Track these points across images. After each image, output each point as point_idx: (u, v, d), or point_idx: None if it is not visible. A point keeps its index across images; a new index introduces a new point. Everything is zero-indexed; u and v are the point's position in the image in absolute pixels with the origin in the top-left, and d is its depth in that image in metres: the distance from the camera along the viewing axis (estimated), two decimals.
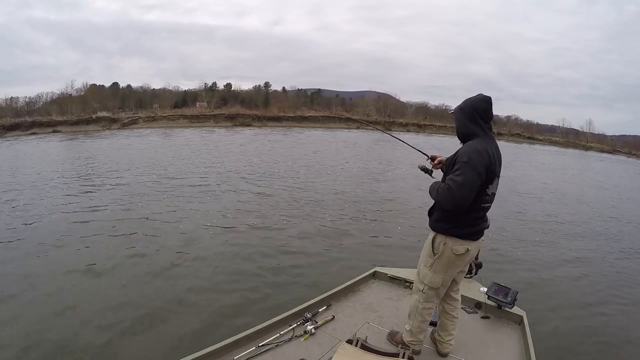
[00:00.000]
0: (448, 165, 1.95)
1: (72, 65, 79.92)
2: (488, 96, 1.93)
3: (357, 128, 42.12)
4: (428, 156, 2.22)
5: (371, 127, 42.94)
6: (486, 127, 1.91)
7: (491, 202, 1.97)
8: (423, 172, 2.27)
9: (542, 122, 60.45)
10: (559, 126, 55.97)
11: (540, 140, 49.89)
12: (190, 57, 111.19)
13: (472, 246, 1.97)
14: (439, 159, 2.20)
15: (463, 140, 1.95)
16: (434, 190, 1.92)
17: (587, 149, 46.51)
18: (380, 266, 3.33)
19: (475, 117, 1.90)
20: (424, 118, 50.46)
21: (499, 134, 48.56)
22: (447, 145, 26.25)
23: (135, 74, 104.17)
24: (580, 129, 53.56)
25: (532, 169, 19.23)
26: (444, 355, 2.21)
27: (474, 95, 1.97)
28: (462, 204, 1.80)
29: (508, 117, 58.26)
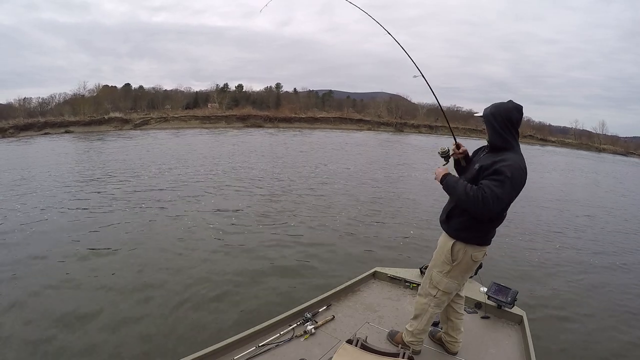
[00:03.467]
0: (483, 167, 1.83)
1: (82, 66, 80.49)
2: (520, 105, 1.83)
3: (369, 129, 41.95)
4: (455, 142, 2.11)
5: (383, 129, 42.85)
6: (517, 137, 1.85)
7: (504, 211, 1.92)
8: (440, 157, 2.15)
9: (554, 123, 59.59)
10: (572, 128, 55.25)
11: (553, 142, 49.20)
12: (200, 58, 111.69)
13: (487, 249, 2.00)
14: (463, 148, 2.09)
15: (495, 149, 1.87)
16: (460, 189, 1.80)
17: (600, 150, 45.63)
18: (380, 266, 3.33)
19: (509, 127, 1.81)
20: (435, 119, 49.84)
21: None
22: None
23: (145, 75, 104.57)
24: (593, 131, 52.73)
25: (543, 171, 19.14)
26: (454, 353, 2.23)
27: (505, 101, 1.86)
28: (491, 215, 1.79)
29: None
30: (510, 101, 1.85)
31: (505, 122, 1.81)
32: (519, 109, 1.83)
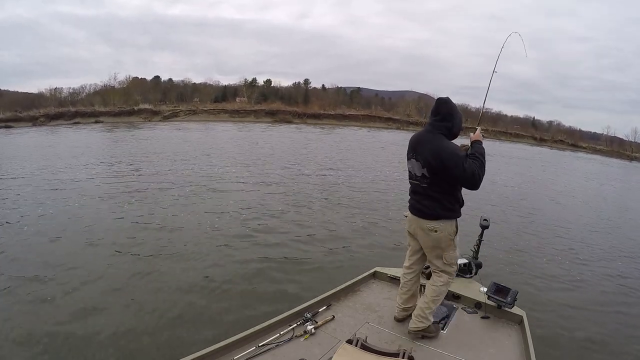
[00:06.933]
0: None
1: (105, 58, 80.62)
2: (439, 98, 2.31)
3: (398, 128, 41.80)
4: (470, 139, 2.40)
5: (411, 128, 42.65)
6: (430, 121, 2.30)
7: (415, 181, 2.31)
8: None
9: (584, 128, 57.68)
10: (603, 134, 53.76)
11: (584, 148, 47.70)
12: (221, 51, 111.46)
13: (410, 216, 2.39)
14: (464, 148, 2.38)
15: None
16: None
17: (631, 159, 44.24)
18: (380, 266, 3.33)
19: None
20: (465, 120, 48.89)
21: (542, 140, 46.71)
22: (494, 150, 25.91)
23: (169, 68, 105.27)
24: (625, 138, 51.07)
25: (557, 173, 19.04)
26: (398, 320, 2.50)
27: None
28: None
29: (550, 123, 57.12)
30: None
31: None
32: (437, 101, 2.30)
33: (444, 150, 2.14)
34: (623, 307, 4.53)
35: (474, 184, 2.14)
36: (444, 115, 2.24)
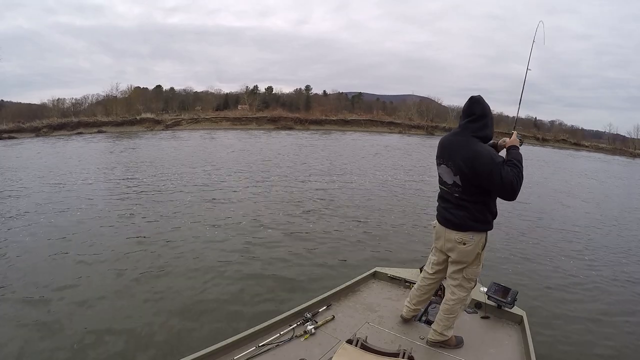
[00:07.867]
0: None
1: (106, 68, 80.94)
2: (471, 97, 2.10)
3: (400, 132, 41.78)
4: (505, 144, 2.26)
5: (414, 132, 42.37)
6: (461, 122, 2.11)
7: (445, 188, 2.15)
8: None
9: (587, 127, 57.77)
10: (605, 132, 53.58)
11: (587, 146, 47.28)
12: (221, 59, 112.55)
13: (437, 226, 2.22)
14: (502, 143, 2.25)
15: None
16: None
17: (634, 156, 43.72)
18: (380, 266, 3.34)
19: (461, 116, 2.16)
20: None
21: (544, 140, 46.60)
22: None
23: (170, 77, 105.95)
24: (627, 135, 50.88)
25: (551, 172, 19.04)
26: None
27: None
28: None
29: (552, 122, 57.18)
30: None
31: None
32: (469, 100, 2.10)
33: (480, 157, 1.94)
34: (626, 307, 4.49)
35: (512, 195, 1.93)
36: (479, 116, 2.04)
